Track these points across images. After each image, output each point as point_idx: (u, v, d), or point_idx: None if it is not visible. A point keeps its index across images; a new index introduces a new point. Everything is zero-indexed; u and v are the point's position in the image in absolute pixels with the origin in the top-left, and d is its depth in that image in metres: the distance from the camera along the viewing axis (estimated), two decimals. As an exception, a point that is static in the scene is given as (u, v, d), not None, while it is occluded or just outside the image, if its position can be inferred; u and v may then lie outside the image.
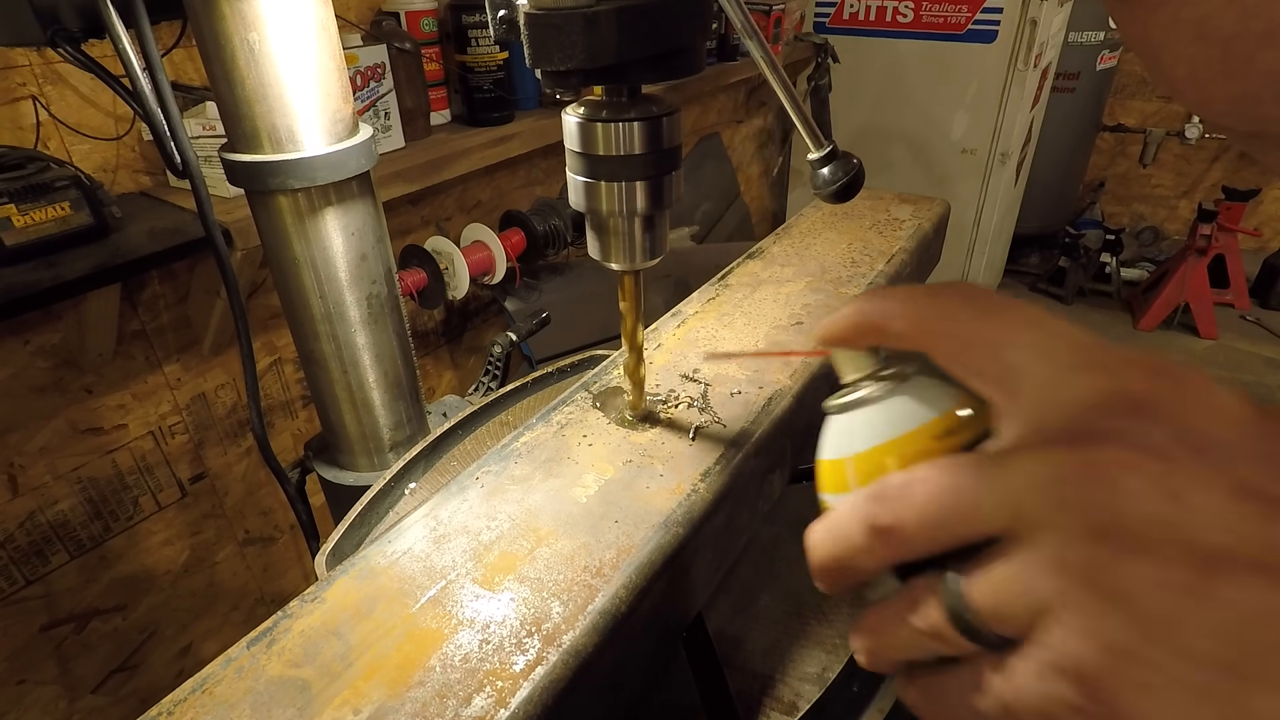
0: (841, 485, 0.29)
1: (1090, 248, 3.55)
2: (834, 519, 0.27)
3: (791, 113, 0.40)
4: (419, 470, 0.70)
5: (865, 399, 0.29)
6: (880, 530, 0.25)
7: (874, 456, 0.28)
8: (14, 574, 1.18)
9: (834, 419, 0.31)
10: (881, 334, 0.29)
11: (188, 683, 0.36)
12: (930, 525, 0.24)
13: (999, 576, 0.23)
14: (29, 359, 1.12)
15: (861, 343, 0.31)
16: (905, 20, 2.60)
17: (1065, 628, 0.21)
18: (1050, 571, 0.21)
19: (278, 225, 0.67)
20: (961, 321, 0.26)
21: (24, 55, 1.02)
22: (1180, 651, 0.19)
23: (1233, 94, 0.23)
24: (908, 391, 0.29)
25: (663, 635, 0.46)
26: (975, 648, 0.24)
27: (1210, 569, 0.19)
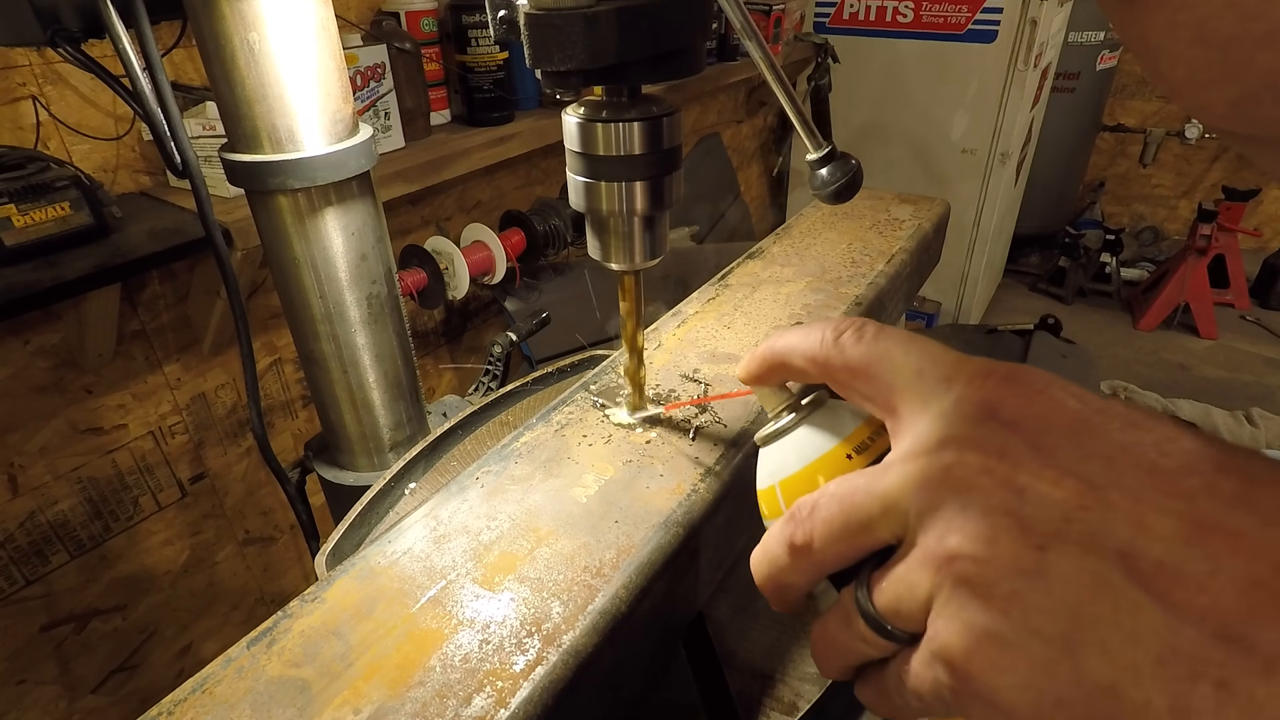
0: (775, 510, 0.32)
1: (1090, 248, 3.55)
2: (764, 542, 0.30)
3: (790, 113, 0.40)
4: (419, 470, 0.70)
5: (784, 429, 0.33)
6: (797, 548, 0.28)
7: (797, 480, 0.31)
8: (14, 574, 1.18)
9: (763, 451, 0.34)
10: (786, 371, 0.33)
11: (188, 683, 0.36)
12: (835, 539, 0.27)
13: (892, 579, 0.26)
14: (29, 359, 1.12)
15: (773, 380, 0.34)
16: (905, 20, 2.60)
17: (938, 616, 0.24)
18: (925, 569, 0.24)
19: (278, 225, 0.67)
20: (845, 350, 0.30)
21: (24, 55, 1.03)
22: (1025, 628, 0.22)
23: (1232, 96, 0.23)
24: (819, 417, 0.32)
25: (663, 635, 0.46)
26: (895, 646, 0.26)
27: (1044, 552, 0.22)
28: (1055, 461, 0.23)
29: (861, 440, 0.31)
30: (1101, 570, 0.21)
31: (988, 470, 0.23)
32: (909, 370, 0.27)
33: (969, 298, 2.94)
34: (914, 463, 0.25)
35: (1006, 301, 3.58)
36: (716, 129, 2.64)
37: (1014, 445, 0.24)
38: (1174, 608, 0.20)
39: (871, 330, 0.30)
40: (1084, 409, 0.24)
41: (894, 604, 0.25)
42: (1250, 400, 2.70)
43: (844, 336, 0.30)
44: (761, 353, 0.34)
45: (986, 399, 0.25)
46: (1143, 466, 0.22)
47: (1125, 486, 0.22)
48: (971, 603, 0.23)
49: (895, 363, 0.28)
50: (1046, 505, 0.22)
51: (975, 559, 0.23)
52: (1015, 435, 0.24)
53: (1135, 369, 3.04)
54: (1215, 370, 3.03)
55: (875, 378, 0.29)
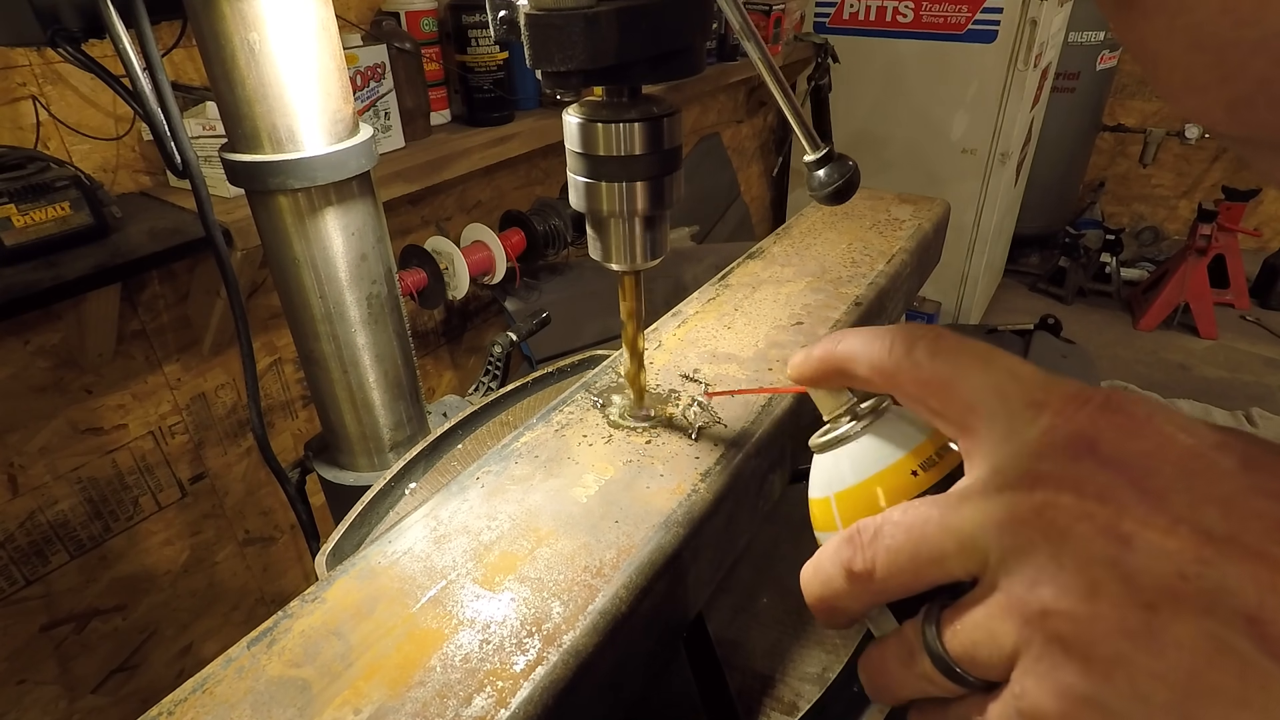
0: (829, 524, 0.30)
1: (1090, 248, 3.55)
2: (818, 560, 0.28)
3: (788, 115, 0.40)
4: (419, 470, 0.70)
5: (843, 437, 0.30)
6: (856, 575, 0.26)
7: (856, 494, 0.29)
8: (14, 574, 1.18)
9: (817, 458, 0.32)
10: (846, 376, 0.30)
11: (188, 683, 0.36)
12: (900, 571, 0.25)
13: (968, 623, 0.23)
14: (29, 359, 1.12)
15: (830, 384, 0.32)
16: (905, 20, 2.60)
17: (1027, 674, 0.22)
18: (1011, 619, 0.22)
19: (278, 225, 0.67)
20: (918, 363, 0.27)
21: (24, 55, 1.02)
22: (1132, 696, 0.20)
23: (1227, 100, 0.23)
24: (882, 428, 0.30)
25: (663, 635, 0.46)
26: (962, 690, 0.24)
27: (1155, 612, 0.20)
28: (1166, 507, 0.21)
29: (928, 455, 0.28)
30: (1224, 635, 0.19)
31: (1087, 515, 0.21)
32: (990, 389, 0.25)
33: (969, 298, 2.94)
34: (998, 498, 0.23)
35: (1006, 301, 3.58)
36: (716, 129, 2.64)
37: (1117, 486, 0.21)
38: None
39: (950, 342, 0.27)
40: (1197, 444, 0.22)
41: (969, 650, 0.23)
42: (1250, 400, 2.70)
43: (917, 348, 0.27)
44: (820, 354, 0.31)
45: (1082, 430, 0.23)
46: (1267, 516, 0.20)
47: (1250, 539, 0.19)
48: (1068, 664, 0.21)
49: (975, 380, 0.26)
50: (1157, 558, 0.20)
51: (1073, 616, 0.21)
52: (1118, 475, 0.21)
53: (1135, 369, 3.04)
54: (1215, 370, 3.03)
55: (951, 395, 0.26)
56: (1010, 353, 0.26)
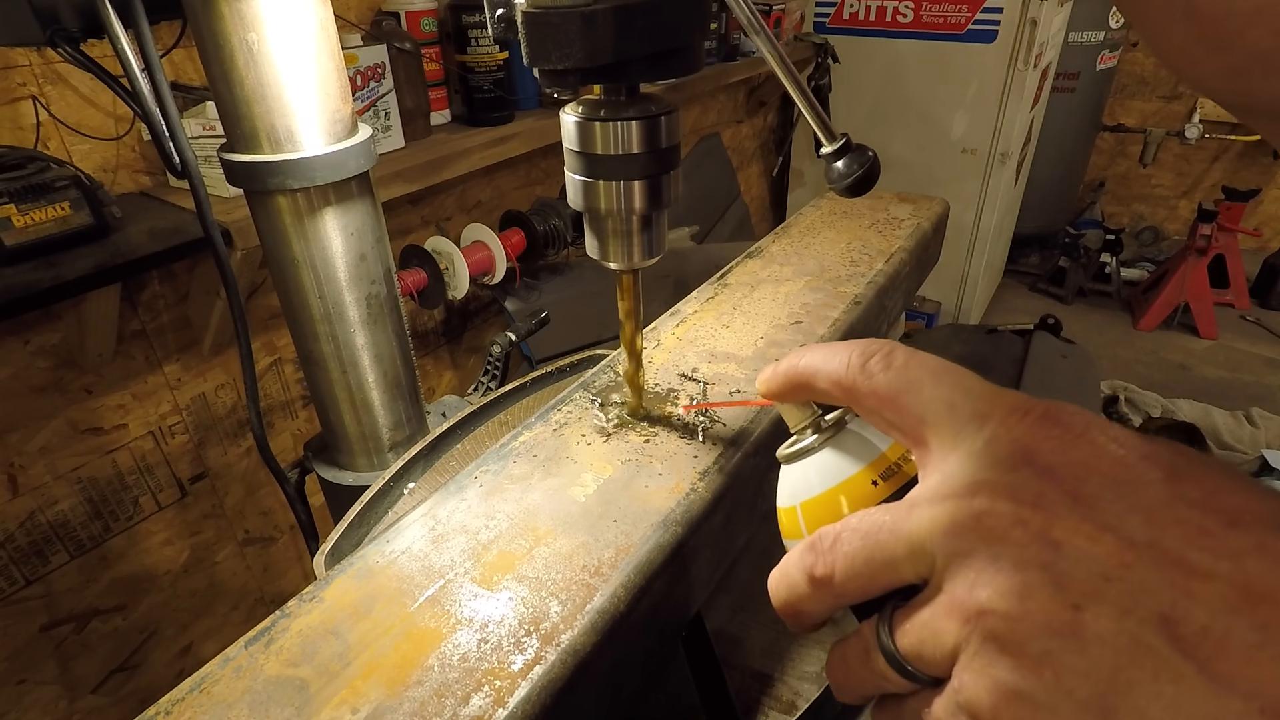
0: (796, 532, 0.32)
1: (1090, 248, 3.55)
2: (784, 566, 0.30)
3: (802, 107, 0.40)
4: (418, 470, 0.70)
5: (807, 449, 0.32)
6: (817, 580, 0.28)
7: (820, 503, 0.31)
8: (14, 574, 1.18)
9: (784, 469, 0.33)
10: (809, 390, 0.32)
11: (186, 682, 0.36)
12: (857, 575, 0.27)
13: (916, 623, 0.25)
14: (29, 359, 1.12)
15: (795, 398, 0.33)
16: (905, 20, 2.60)
17: (965, 669, 0.23)
18: (952, 618, 0.23)
19: (277, 225, 0.67)
20: (873, 378, 0.29)
21: (24, 55, 1.03)
22: (1057, 690, 0.21)
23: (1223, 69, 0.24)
24: (844, 440, 0.31)
25: (661, 634, 0.46)
26: (915, 686, 0.26)
27: (1080, 611, 0.21)
28: (1094, 515, 0.22)
29: (887, 466, 0.30)
30: (1141, 634, 0.20)
31: (1021, 521, 0.23)
32: (940, 402, 0.27)
33: (969, 298, 2.94)
34: (943, 505, 0.24)
35: (1006, 301, 3.58)
36: (716, 129, 2.64)
37: (1050, 495, 0.23)
38: (1219, 679, 0.19)
39: (901, 356, 0.29)
40: (1127, 455, 0.23)
41: (917, 647, 0.25)
42: (1250, 400, 2.70)
43: (871, 362, 0.29)
44: (785, 370, 0.33)
45: (1022, 441, 0.24)
46: (1187, 522, 0.21)
47: (1167, 544, 0.21)
48: (1001, 660, 0.22)
49: (925, 393, 0.27)
50: (1084, 562, 0.21)
51: (1006, 615, 0.22)
52: (1052, 483, 0.23)
53: (1135, 369, 3.04)
54: (1215, 370, 3.02)
55: (904, 408, 0.28)
56: (961, 367, 0.28)
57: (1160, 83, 3.87)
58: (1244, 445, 2.43)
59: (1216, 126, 3.64)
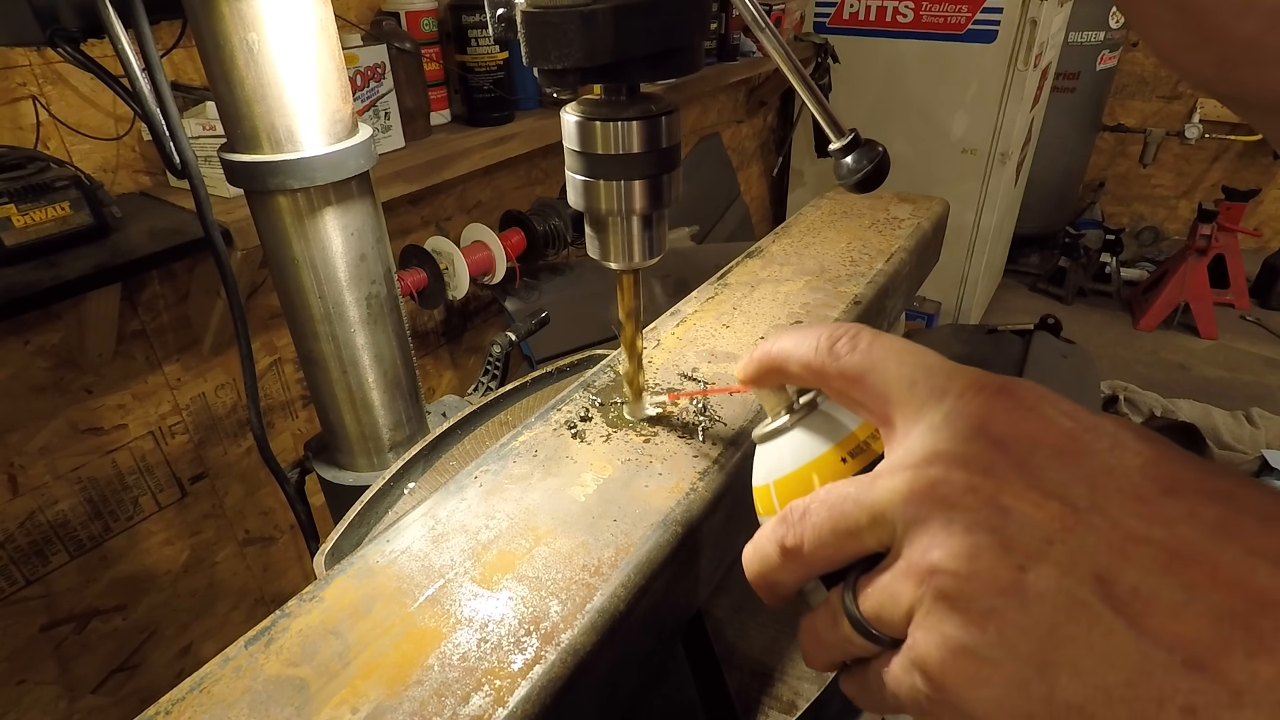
0: (770, 508, 0.33)
1: (1090, 248, 3.55)
2: (757, 540, 0.31)
3: (809, 103, 0.40)
4: (418, 470, 0.70)
5: (780, 429, 0.33)
6: (788, 550, 0.29)
7: (792, 480, 0.32)
8: (14, 574, 1.18)
9: (759, 449, 0.35)
10: (782, 375, 0.33)
11: (185, 682, 0.36)
12: (824, 544, 0.28)
13: (877, 588, 0.26)
14: (29, 359, 1.12)
15: (769, 383, 0.35)
16: (905, 20, 2.60)
17: (918, 627, 0.24)
18: (909, 580, 0.25)
19: (277, 225, 0.67)
20: (840, 359, 0.30)
21: (24, 55, 1.03)
22: (1001, 645, 0.22)
23: (1213, 61, 0.24)
24: (815, 420, 0.33)
25: (662, 634, 0.46)
26: (878, 648, 0.27)
27: (1024, 572, 0.22)
28: (1040, 482, 0.23)
29: (856, 444, 0.31)
30: (1078, 592, 0.22)
31: (973, 488, 0.24)
32: (902, 381, 0.28)
33: (969, 298, 2.94)
34: (902, 475, 0.26)
35: (1006, 301, 3.58)
36: (716, 129, 2.64)
37: (1000, 464, 0.24)
38: (1146, 634, 0.20)
39: (866, 338, 0.30)
40: (1074, 427, 0.24)
41: (877, 610, 0.26)
42: (1250, 400, 2.70)
43: (839, 344, 0.30)
44: (758, 356, 0.34)
45: (977, 414, 0.25)
46: (1126, 491, 0.23)
47: (1107, 510, 0.22)
48: (950, 617, 0.23)
49: (889, 373, 0.28)
50: (1028, 526, 0.23)
51: (956, 574, 0.23)
52: (1002, 454, 0.24)
53: (1135, 369, 3.04)
54: (1215, 370, 3.02)
55: (869, 387, 0.29)
56: (923, 347, 0.29)
57: (1160, 83, 3.87)
58: (1244, 445, 2.42)
59: (1216, 126, 3.64)
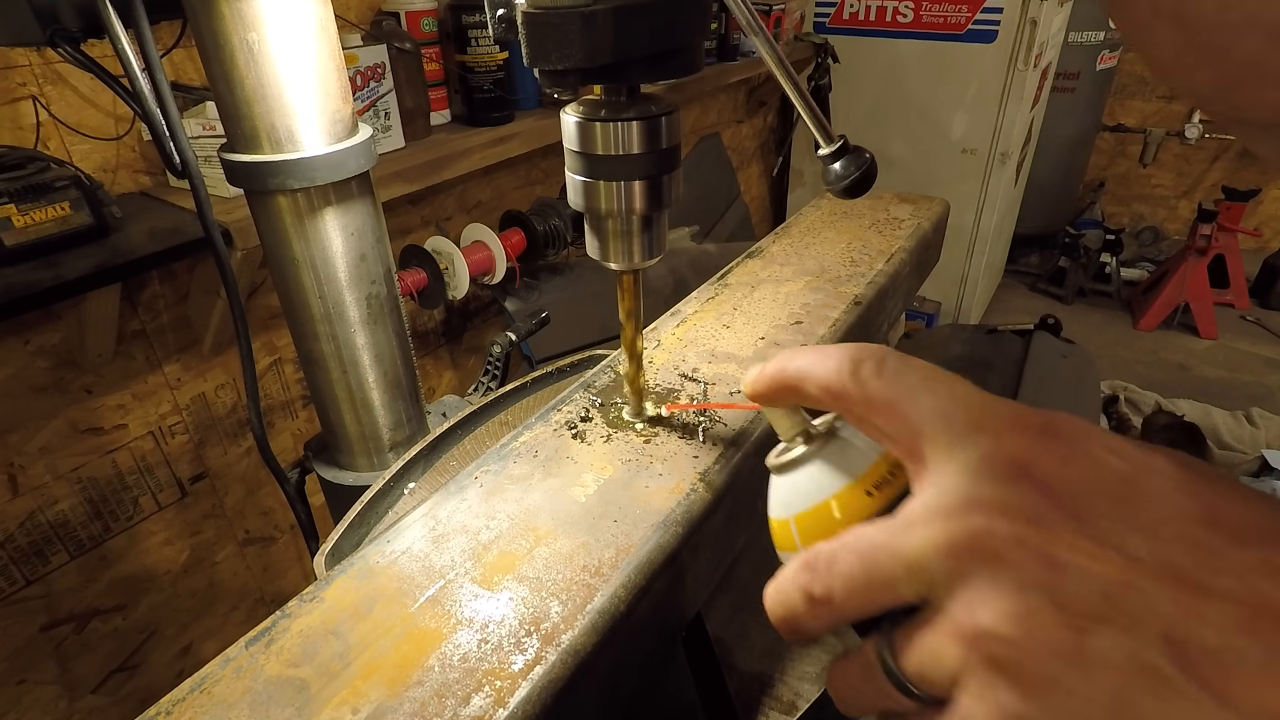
0: (790, 544, 0.31)
1: (1090, 248, 3.55)
2: (779, 583, 0.29)
3: (800, 108, 0.40)
4: (418, 470, 0.70)
5: (798, 460, 0.31)
6: (815, 599, 0.27)
7: (814, 516, 0.30)
8: (14, 574, 1.18)
9: (774, 479, 0.32)
10: (798, 396, 0.31)
11: (186, 682, 0.36)
12: (855, 595, 0.26)
13: (918, 646, 0.25)
14: (29, 359, 1.12)
15: (783, 403, 0.32)
16: (905, 20, 2.60)
17: (967, 694, 0.23)
18: (953, 641, 0.23)
19: (277, 225, 0.67)
20: (865, 385, 0.28)
21: (24, 55, 1.02)
22: (1062, 716, 0.20)
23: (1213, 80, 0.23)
24: (835, 449, 0.30)
25: (662, 635, 0.46)
26: (918, 706, 0.25)
27: (1083, 634, 0.20)
28: (1095, 532, 0.21)
29: (880, 476, 0.29)
30: (1146, 656, 0.20)
31: (1021, 541, 0.22)
32: (934, 412, 0.26)
33: (969, 298, 2.94)
34: (940, 524, 0.24)
35: (1006, 301, 3.58)
36: (716, 129, 2.64)
37: (1049, 512, 0.22)
38: (1228, 702, 0.19)
39: (893, 362, 0.28)
40: (1127, 468, 0.22)
41: (919, 669, 0.25)
42: (1250, 400, 2.70)
43: (863, 368, 0.28)
44: (772, 373, 0.31)
45: (1019, 455, 0.23)
46: (1189, 539, 0.20)
47: (1171, 562, 0.20)
48: (1003, 685, 0.21)
49: (920, 403, 0.26)
50: (1085, 582, 0.21)
51: (1008, 639, 0.21)
52: (1050, 500, 0.22)
53: (1135, 369, 3.04)
54: (1215, 370, 3.02)
55: (897, 417, 0.27)
56: (954, 374, 0.27)
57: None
58: (1244, 445, 2.43)
59: (1217, 126, 3.64)
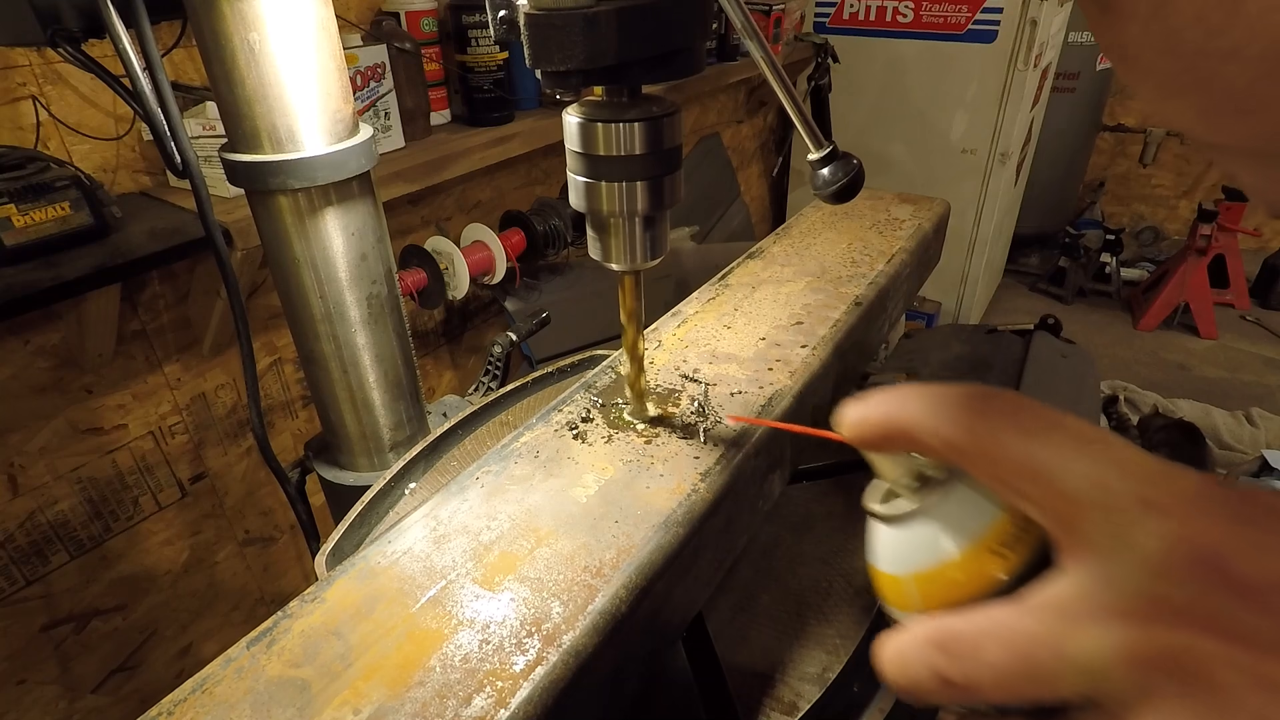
0: (905, 603, 0.29)
1: (1090, 248, 3.55)
2: (903, 652, 0.26)
3: (791, 113, 0.40)
4: (419, 470, 0.70)
5: (913, 512, 0.28)
6: (950, 683, 0.24)
7: (936, 578, 0.27)
8: (14, 574, 1.18)
9: (882, 528, 0.30)
10: (909, 444, 0.28)
11: (187, 683, 0.36)
12: (1004, 688, 0.23)
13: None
14: (29, 359, 1.12)
15: (891, 449, 0.29)
16: (905, 20, 2.60)
17: None
18: None
19: (278, 225, 0.67)
20: (1004, 445, 0.24)
21: (24, 55, 1.02)
22: None
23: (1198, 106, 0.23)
24: (955, 501, 0.27)
25: (663, 635, 0.46)
26: None
27: None
28: None
29: (1009, 532, 0.26)
30: None
31: (1230, 662, 0.19)
32: (1092, 481, 0.22)
33: (969, 298, 2.94)
34: (1120, 628, 0.21)
35: (1006, 301, 3.58)
36: (716, 129, 2.64)
37: (1261, 623, 0.19)
38: None
39: (1033, 417, 0.24)
40: None
41: None
42: (1250, 400, 2.70)
43: (999, 425, 0.24)
44: (878, 420, 0.28)
45: (1210, 548, 0.20)
46: None
47: None
48: None
49: (1073, 468, 0.23)
50: None
51: None
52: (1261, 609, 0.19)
53: (1135, 369, 3.04)
54: (1215, 370, 3.03)
55: (1044, 483, 0.23)
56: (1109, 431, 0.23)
57: (1160, 83, 3.86)
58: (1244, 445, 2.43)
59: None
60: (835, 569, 0.59)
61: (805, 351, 0.61)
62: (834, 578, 0.58)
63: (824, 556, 0.60)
